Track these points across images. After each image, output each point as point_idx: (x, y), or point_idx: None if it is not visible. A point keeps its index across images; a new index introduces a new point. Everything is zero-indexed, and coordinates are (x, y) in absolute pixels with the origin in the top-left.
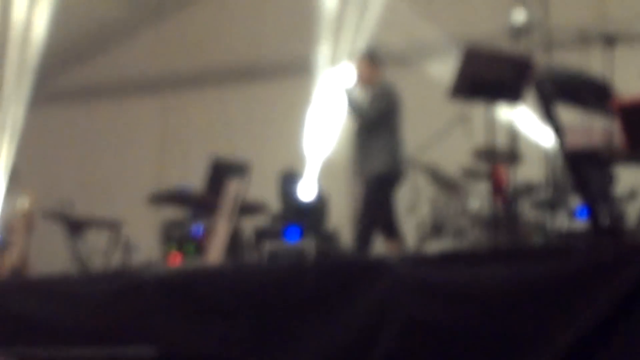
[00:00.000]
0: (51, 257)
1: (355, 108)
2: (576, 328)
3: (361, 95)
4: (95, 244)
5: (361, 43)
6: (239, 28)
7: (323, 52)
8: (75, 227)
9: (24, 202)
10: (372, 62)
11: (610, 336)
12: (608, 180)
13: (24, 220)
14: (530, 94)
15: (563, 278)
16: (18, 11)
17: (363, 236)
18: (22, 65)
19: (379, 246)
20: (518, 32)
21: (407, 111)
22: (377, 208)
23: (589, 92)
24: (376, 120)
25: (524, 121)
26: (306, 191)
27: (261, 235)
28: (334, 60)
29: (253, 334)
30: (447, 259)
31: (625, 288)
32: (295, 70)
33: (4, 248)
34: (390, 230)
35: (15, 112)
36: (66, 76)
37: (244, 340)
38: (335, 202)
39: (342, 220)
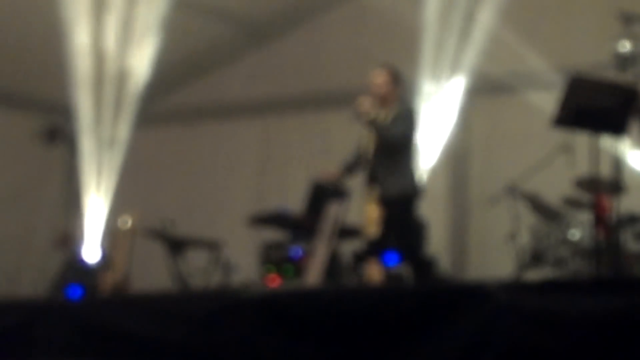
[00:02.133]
0: (152, 275)
1: (382, 132)
2: None
3: (380, 114)
4: (195, 263)
5: (462, 71)
6: (341, 53)
7: (424, 78)
8: (176, 246)
9: (126, 221)
10: (394, 78)
11: None
12: None
13: (126, 239)
14: (636, 124)
15: None
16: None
17: (417, 258)
18: (125, 88)
19: None
20: (624, 63)
21: (510, 140)
22: (411, 226)
23: None
24: (403, 142)
25: (629, 151)
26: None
27: (359, 259)
28: (434, 87)
29: (346, 357)
30: (548, 287)
31: None
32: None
33: (107, 265)
34: (379, 252)
35: (119, 133)
36: (170, 98)
37: None
38: (434, 228)
39: (441, 246)
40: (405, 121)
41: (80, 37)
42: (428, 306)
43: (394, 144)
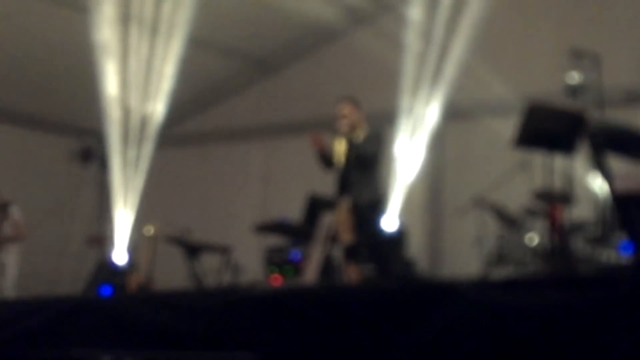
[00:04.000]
0: (172, 275)
1: (362, 153)
2: (617, 350)
3: (358, 138)
4: (209, 265)
5: (436, 100)
6: (333, 84)
7: (403, 106)
8: (192, 251)
9: (149, 229)
10: (356, 105)
11: None
12: None
13: (149, 245)
14: (584, 145)
15: (609, 305)
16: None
17: (385, 257)
18: (148, 115)
19: None
20: (573, 91)
21: (477, 159)
22: (379, 228)
23: (636, 145)
24: (373, 158)
25: (579, 168)
26: (389, 223)
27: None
28: (412, 112)
29: (336, 346)
30: (510, 284)
31: None
32: (379, 121)
33: (133, 267)
34: (356, 255)
35: (144, 153)
36: (186, 124)
37: (326, 351)
38: (413, 234)
39: (419, 250)
40: (375, 141)
41: (109, 75)
42: (406, 302)
43: (366, 159)
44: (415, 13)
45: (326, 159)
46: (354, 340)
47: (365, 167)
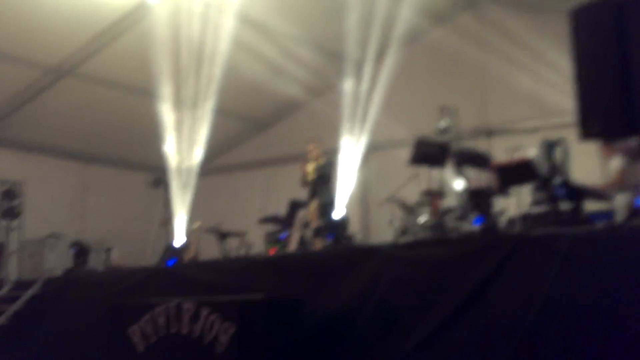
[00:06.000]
0: (210, 252)
1: (323, 172)
2: (470, 279)
3: (320, 163)
4: (232, 244)
5: (363, 138)
6: (301, 133)
7: (344, 143)
8: (222, 236)
9: (196, 224)
10: (318, 144)
11: (490, 283)
12: (489, 204)
13: (196, 233)
14: (450, 162)
15: (466, 254)
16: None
17: (336, 231)
18: (191, 158)
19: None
20: (442, 131)
21: (387, 173)
22: (332, 215)
23: (479, 160)
24: (329, 176)
25: (447, 175)
26: (338, 213)
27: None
28: (350, 147)
29: (308, 286)
30: (409, 245)
31: (497, 256)
32: (331, 153)
33: (187, 247)
34: (321, 233)
35: (191, 180)
36: (214, 162)
37: (302, 291)
38: (352, 219)
39: (355, 228)
40: (331, 165)
41: (169, 135)
42: (348, 258)
43: (325, 176)
44: (347, 86)
45: (304, 181)
46: (320, 283)
47: (324, 180)
